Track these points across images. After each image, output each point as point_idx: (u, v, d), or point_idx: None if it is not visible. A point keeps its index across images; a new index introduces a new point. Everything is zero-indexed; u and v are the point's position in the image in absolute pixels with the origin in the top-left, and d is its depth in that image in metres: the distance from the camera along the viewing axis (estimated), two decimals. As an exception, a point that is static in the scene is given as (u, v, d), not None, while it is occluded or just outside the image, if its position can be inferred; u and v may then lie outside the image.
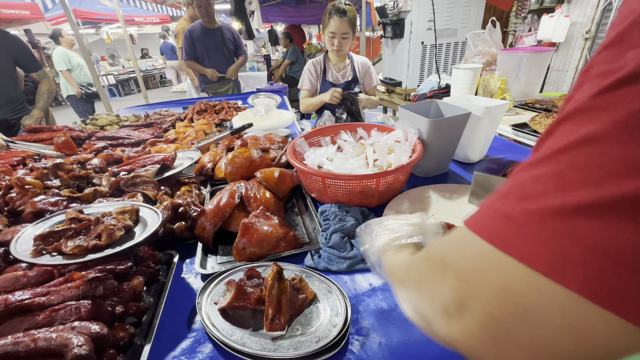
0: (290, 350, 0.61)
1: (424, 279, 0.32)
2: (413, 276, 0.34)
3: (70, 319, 0.58)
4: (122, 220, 0.82)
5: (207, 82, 3.44)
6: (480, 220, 0.26)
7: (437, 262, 0.30)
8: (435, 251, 0.32)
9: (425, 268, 0.32)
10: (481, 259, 0.25)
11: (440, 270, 0.29)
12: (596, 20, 4.11)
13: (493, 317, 0.23)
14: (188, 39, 3.20)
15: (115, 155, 1.45)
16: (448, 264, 0.28)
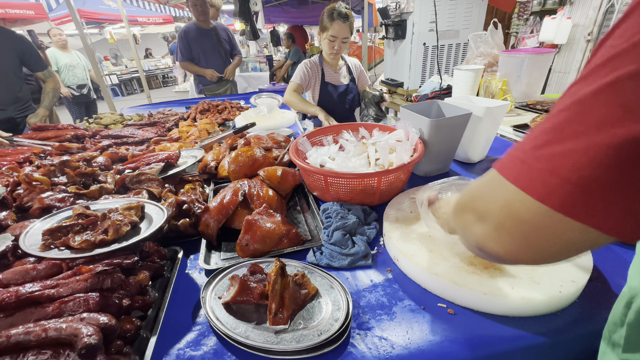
0: (292, 343, 0.62)
1: (464, 204, 0.44)
2: (458, 206, 0.47)
3: (78, 310, 0.60)
4: (128, 216, 0.83)
5: (204, 84, 3.41)
6: (503, 164, 0.36)
7: (469, 193, 0.43)
8: (472, 185, 0.44)
9: (465, 197, 0.45)
10: (496, 188, 0.36)
11: (472, 198, 0.42)
12: (598, 22, 4.11)
13: (501, 224, 0.35)
14: (183, 39, 3.14)
15: (119, 153, 1.47)
16: (475, 193, 0.41)
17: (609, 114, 0.27)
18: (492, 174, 0.38)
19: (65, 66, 4.21)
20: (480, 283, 0.69)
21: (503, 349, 0.61)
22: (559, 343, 0.62)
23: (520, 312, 0.67)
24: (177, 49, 3.25)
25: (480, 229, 0.38)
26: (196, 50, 3.20)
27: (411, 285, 0.77)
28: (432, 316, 0.68)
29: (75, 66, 4.26)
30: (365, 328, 0.66)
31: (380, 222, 0.99)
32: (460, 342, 0.62)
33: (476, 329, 0.65)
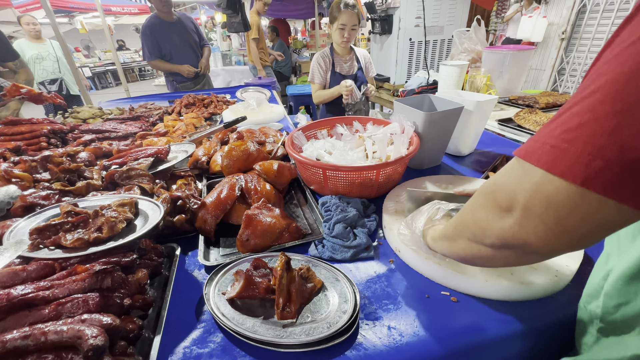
0: (302, 336, 0.62)
1: (478, 203, 0.42)
2: (466, 212, 0.45)
3: (78, 312, 0.57)
4: (122, 212, 0.80)
5: (179, 81, 3.19)
6: (529, 151, 0.35)
7: (489, 186, 0.41)
8: (487, 183, 0.42)
9: (479, 196, 0.42)
10: (522, 176, 0.35)
11: (492, 191, 0.40)
12: (571, 22, 4.30)
13: (530, 210, 0.34)
14: (148, 36, 2.86)
15: (103, 148, 1.40)
16: (498, 184, 0.39)
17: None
18: (512, 164, 0.38)
19: (32, 59, 3.72)
20: (481, 270, 0.72)
21: (505, 333, 0.63)
22: (555, 324, 0.66)
23: (520, 297, 0.69)
24: (143, 48, 2.95)
25: (507, 221, 0.37)
26: (167, 47, 2.95)
27: (414, 275, 0.79)
28: (437, 304, 0.70)
29: (44, 58, 3.82)
30: (374, 318, 0.67)
31: (379, 214, 1.00)
32: (465, 328, 0.64)
33: (480, 314, 0.67)
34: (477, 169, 1.30)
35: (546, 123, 0.35)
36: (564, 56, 4.59)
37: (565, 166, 0.31)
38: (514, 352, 0.66)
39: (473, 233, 0.43)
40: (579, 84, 0.72)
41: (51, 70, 3.86)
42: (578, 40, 4.28)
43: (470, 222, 0.44)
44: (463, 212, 0.46)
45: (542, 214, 0.33)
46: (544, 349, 0.68)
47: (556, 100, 2.12)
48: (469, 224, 0.44)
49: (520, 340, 0.65)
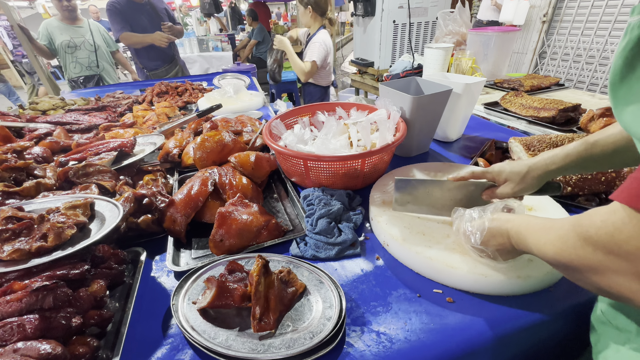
0: (282, 350, 0.55)
1: (614, 268, 0.36)
2: (594, 263, 0.39)
3: (11, 339, 0.48)
4: (73, 216, 0.69)
5: (150, 68, 2.94)
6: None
7: (628, 248, 0.35)
8: (595, 235, 0.37)
9: (614, 259, 0.36)
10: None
11: (611, 257, 0.36)
12: (552, 4, 4.29)
13: None
14: (114, 12, 2.57)
15: (61, 142, 1.26)
16: (622, 247, 0.35)
17: None
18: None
19: (63, 47, 2.83)
20: (475, 264, 0.67)
21: (504, 330, 0.59)
22: (554, 318, 0.62)
23: (517, 291, 0.65)
24: (111, 27, 2.67)
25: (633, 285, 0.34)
26: (134, 29, 2.69)
27: (404, 272, 0.73)
28: (429, 304, 0.64)
29: (77, 46, 2.83)
30: (361, 323, 0.61)
31: (366, 206, 0.93)
32: (461, 329, 0.59)
33: (475, 312, 0.62)
34: (465, 155, 1.26)
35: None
36: (545, 39, 4.61)
37: None
38: (517, 350, 0.61)
39: (597, 286, 0.40)
40: (560, 67, 0.67)
41: (86, 64, 2.87)
42: (559, 23, 4.29)
43: (600, 283, 0.39)
44: (579, 267, 0.41)
45: None
46: (545, 346, 0.64)
47: (540, 82, 2.09)
48: (597, 283, 0.40)
49: (522, 337, 0.61)
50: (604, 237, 0.36)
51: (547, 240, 0.46)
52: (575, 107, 1.49)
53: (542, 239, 0.48)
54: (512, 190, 0.70)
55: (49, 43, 2.77)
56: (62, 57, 2.83)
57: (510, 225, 0.57)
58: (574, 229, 0.41)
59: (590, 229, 0.38)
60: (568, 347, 0.67)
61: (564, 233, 0.43)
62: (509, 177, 0.70)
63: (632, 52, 0.36)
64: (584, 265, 0.40)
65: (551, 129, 1.46)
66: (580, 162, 0.64)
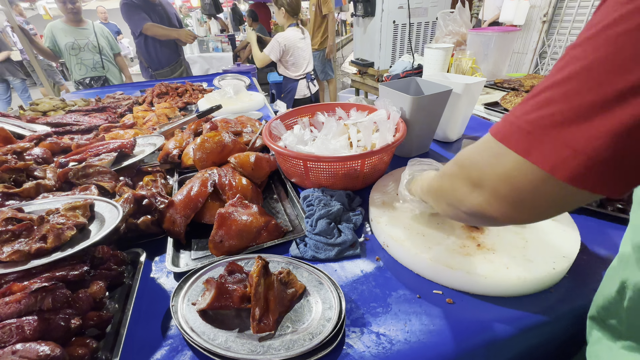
0: (281, 351, 0.55)
1: (455, 174, 0.44)
2: (445, 179, 0.48)
3: (10, 341, 0.48)
4: (72, 217, 0.69)
5: (155, 68, 2.98)
6: (505, 133, 0.35)
7: (464, 160, 0.43)
8: (463, 155, 0.43)
9: (455, 166, 0.45)
10: (495, 157, 0.36)
11: (467, 166, 0.42)
12: (553, 4, 4.29)
13: (498, 191, 0.37)
14: (133, 6, 2.62)
15: (61, 143, 1.26)
16: (472, 160, 0.41)
17: (626, 83, 0.25)
18: (488, 144, 0.38)
19: (67, 49, 2.83)
20: (475, 265, 0.66)
21: (504, 333, 0.59)
22: (555, 320, 0.61)
23: (517, 292, 0.65)
24: (129, 21, 2.70)
25: (476, 197, 0.40)
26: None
27: (404, 273, 0.73)
28: (429, 305, 0.64)
29: (81, 48, 2.84)
30: (361, 324, 0.61)
31: (365, 207, 0.93)
32: (461, 330, 0.59)
33: (475, 313, 0.62)
34: (465, 155, 1.25)
35: (522, 101, 0.35)
36: (545, 39, 4.60)
37: (540, 154, 0.31)
38: (518, 351, 0.61)
39: (451, 200, 0.46)
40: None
41: (91, 66, 2.91)
42: (559, 23, 4.28)
43: (449, 189, 0.46)
44: (443, 177, 0.49)
45: (507, 195, 0.36)
46: (545, 347, 0.64)
47: (541, 82, 2.09)
48: (448, 191, 0.47)
49: (522, 339, 0.60)
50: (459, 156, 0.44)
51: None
52: (576, 107, 1.49)
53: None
54: None
55: (52, 45, 2.78)
56: (67, 59, 2.85)
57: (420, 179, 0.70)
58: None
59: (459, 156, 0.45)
60: (567, 347, 0.66)
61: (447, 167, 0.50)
62: None
63: None
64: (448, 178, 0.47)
65: (551, 129, 1.46)
66: None
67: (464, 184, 0.41)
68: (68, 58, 2.83)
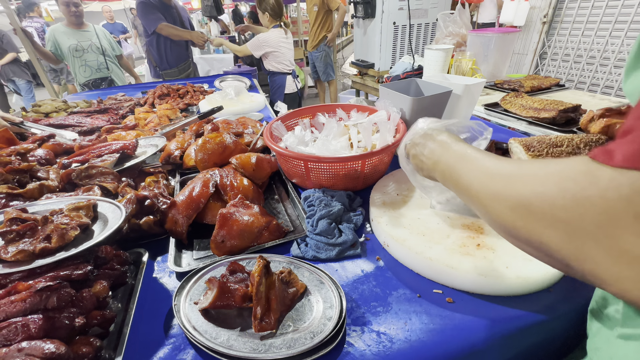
0: (283, 350, 0.55)
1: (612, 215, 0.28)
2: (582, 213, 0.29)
3: (16, 339, 0.48)
4: (76, 217, 0.70)
5: (163, 68, 3.02)
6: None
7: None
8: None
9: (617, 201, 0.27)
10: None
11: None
12: (553, 5, 4.29)
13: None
14: (149, 5, 2.67)
15: (64, 145, 1.27)
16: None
17: None
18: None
19: (71, 51, 2.84)
20: (475, 265, 0.67)
21: (504, 331, 0.59)
22: (555, 319, 0.62)
23: (517, 291, 0.65)
24: (144, 19, 2.74)
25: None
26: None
27: (404, 272, 0.73)
28: (429, 304, 0.65)
29: (85, 50, 2.84)
30: (361, 323, 0.62)
31: (366, 207, 0.93)
32: (461, 329, 0.59)
33: (475, 312, 0.62)
34: (465, 156, 1.26)
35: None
36: (546, 40, 4.61)
37: None
38: (517, 350, 0.62)
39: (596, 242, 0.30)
40: (561, 68, 0.67)
41: (95, 67, 2.92)
42: (559, 24, 4.29)
43: (589, 228, 0.29)
44: (580, 208, 0.30)
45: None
46: (545, 345, 0.64)
47: (541, 83, 2.09)
48: (599, 236, 0.29)
49: (522, 337, 0.61)
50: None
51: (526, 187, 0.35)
52: (576, 107, 1.49)
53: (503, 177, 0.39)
54: None
55: (55, 48, 2.80)
56: (71, 63, 2.86)
57: (444, 152, 0.53)
58: (586, 166, 0.31)
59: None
60: (567, 345, 0.67)
61: (570, 171, 0.32)
62: None
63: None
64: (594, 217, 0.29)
65: (551, 130, 1.46)
66: None
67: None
68: (72, 61, 2.84)
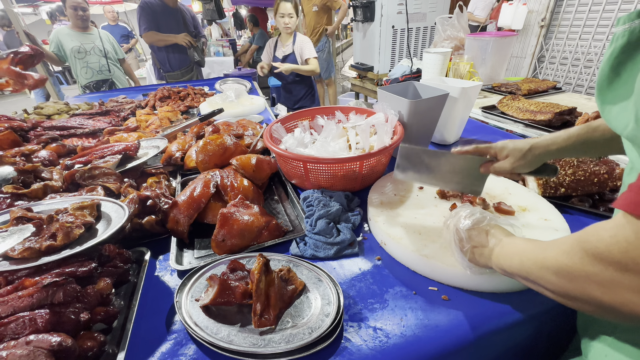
0: (282, 344, 0.57)
1: (626, 285, 0.35)
2: (596, 287, 0.37)
3: (24, 332, 0.50)
4: (80, 216, 0.72)
5: (166, 70, 3.08)
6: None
7: (633, 262, 0.34)
8: (628, 255, 0.34)
9: (621, 276, 0.35)
10: None
11: (626, 274, 0.34)
12: (550, 9, 4.34)
13: None
14: (146, 10, 2.74)
15: (67, 146, 1.29)
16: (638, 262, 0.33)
17: None
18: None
19: (73, 53, 2.84)
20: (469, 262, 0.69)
21: (495, 326, 0.61)
22: (545, 312, 0.64)
23: (510, 288, 0.67)
24: (138, 21, 2.81)
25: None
26: (164, 30, 2.85)
27: (400, 270, 0.75)
28: (425, 300, 0.66)
29: (87, 52, 2.83)
30: (358, 319, 0.63)
31: (364, 207, 0.95)
32: (455, 325, 0.61)
33: (468, 309, 0.64)
34: (462, 158, 1.28)
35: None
36: (544, 43, 4.65)
37: None
38: (509, 345, 0.63)
39: (608, 310, 0.38)
40: (558, 71, 0.69)
41: (97, 69, 2.95)
42: (557, 27, 4.33)
43: (609, 301, 0.37)
44: (585, 284, 0.38)
45: None
46: (537, 339, 0.66)
47: (538, 86, 2.12)
48: (604, 302, 0.37)
49: (515, 332, 0.63)
50: (616, 254, 0.35)
51: (546, 256, 0.44)
52: (571, 110, 1.52)
53: (532, 256, 0.46)
54: (510, 166, 0.72)
55: (58, 50, 2.83)
56: (73, 64, 2.89)
57: (499, 240, 0.57)
58: (579, 245, 0.39)
59: (599, 245, 0.36)
60: (560, 338, 0.68)
61: (569, 249, 0.41)
62: (511, 153, 0.72)
63: (617, 59, 0.39)
64: (593, 282, 0.37)
65: (547, 132, 1.49)
66: (580, 145, 0.66)
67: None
68: (73, 62, 2.87)
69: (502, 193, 0.93)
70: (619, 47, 0.39)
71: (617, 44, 0.39)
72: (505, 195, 0.92)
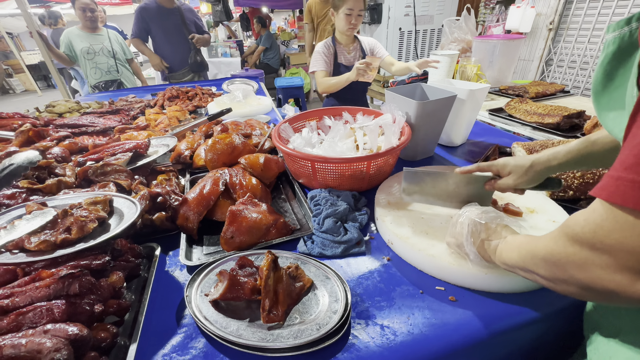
0: (290, 340, 0.58)
1: (590, 261, 0.39)
2: (570, 266, 0.41)
3: (41, 321, 0.51)
4: (94, 211, 0.74)
5: (169, 70, 3.12)
6: (619, 192, 0.34)
7: (602, 242, 0.37)
8: (597, 235, 0.38)
9: (584, 251, 0.40)
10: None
11: (615, 252, 0.36)
12: (559, 12, 4.31)
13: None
14: (138, 15, 2.81)
15: (79, 144, 1.32)
16: (620, 242, 0.36)
17: None
18: (623, 216, 0.35)
19: (83, 53, 2.89)
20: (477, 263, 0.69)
21: (504, 327, 0.61)
22: (554, 314, 0.64)
23: (517, 289, 0.67)
24: (132, 27, 2.89)
25: (620, 278, 0.36)
26: (157, 32, 2.88)
27: (407, 269, 0.76)
28: (432, 299, 0.67)
29: (96, 52, 2.89)
30: (365, 317, 0.64)
31: (371, 207, 0.96)
32: (463, 324, 0.61)
33: (476, 309, 0.64)
34: (469, 160, 1.28)
35: (621, 157, 0.34)
36: (552, 47, 4.61)
37: None
38: (516, 345, 0.63)
39: (585, 288, 0.41)
40: (567, 74, 0.70)
41: (106, 69, 2.98)
42: (565, 30, 4.29)
43: (585, 279, 0.40)
44: (566, 265, 0.42)
45: None
46: (544, 341, 0.66)
47: (546, 89, 2.11)
48: (582, 280, 0.41)
49: (521, 333, 0.63)
50: (587, 234, 0.39)
51: (538, 244, 0.48)
52: (580, 113, 1.51)
53: (528, 247, 0.51)
54: (513, 182, 0.72)
55: (69, 50, 2.89)
56: (83, 65, 2.95)
57: (504, 238, 0.61)
58: (563, 230, 0.43)
59: (576, 227, 0.41)
60: (566, 341, 0.68)
61: (555, 235, 0.45)
62: (513, 170, 0.73)
63: (609, 65, 0.40)
64: (571, 262, 0.41)
65: (555, 135, 1.48)
66: (580, 159, 0.67)
67: (617, 273, 0.36)
68: (83, 63, 2.92)
69: (510, 194, 0.92)
70: (610, 53, 0.40)
71: (609, 50, 0.40)
72: (513, 196, 0.92)
